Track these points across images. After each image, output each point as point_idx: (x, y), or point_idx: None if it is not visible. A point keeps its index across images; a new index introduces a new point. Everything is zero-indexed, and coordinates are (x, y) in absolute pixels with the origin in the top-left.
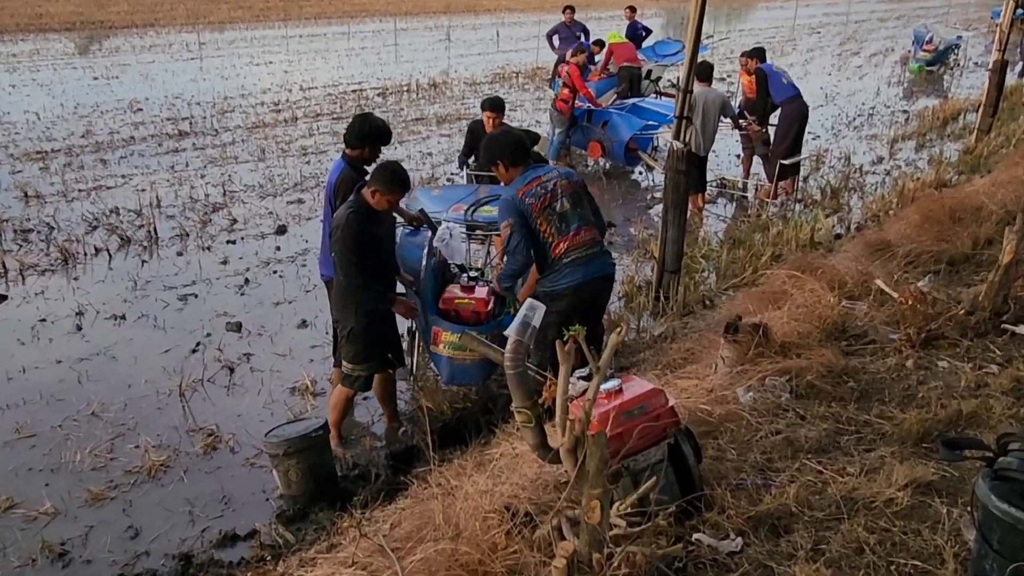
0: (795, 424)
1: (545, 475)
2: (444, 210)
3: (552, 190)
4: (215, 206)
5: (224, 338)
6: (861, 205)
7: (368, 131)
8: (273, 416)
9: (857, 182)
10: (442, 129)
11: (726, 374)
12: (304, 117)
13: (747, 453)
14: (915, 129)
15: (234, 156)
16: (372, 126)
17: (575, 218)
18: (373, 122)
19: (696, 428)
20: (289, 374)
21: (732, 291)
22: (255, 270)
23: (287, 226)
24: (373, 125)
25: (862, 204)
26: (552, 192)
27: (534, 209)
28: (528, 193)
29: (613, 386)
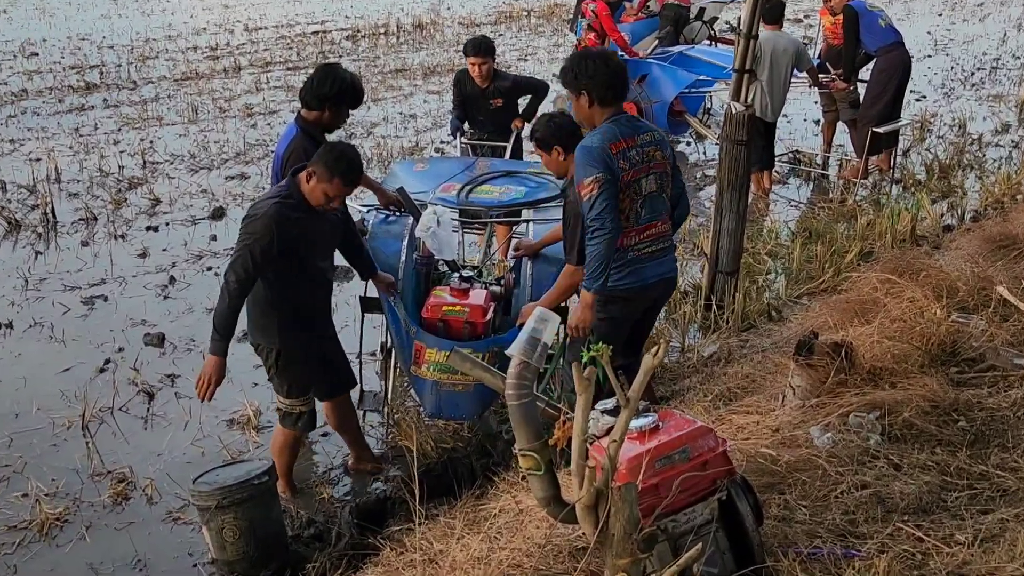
0: (887, 475)
1: (557, 538)
2: (431, 190)
3: (646, 162)
4: (132, 181)
5: (142, 354)
6: (979, 188)
7: (331, 88)
8: (204, 457)
9: (975, 157)
10: (430, 84)
11: (797, 408)
12: (249, 66)
13: (823, 513)
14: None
15: (157, 116)
16: (337, 82)
17: (658, 205)
18: (338, 76)
19: (756, 479)
20: (226, 401)
21: (806, 299)
22: (183, 266)
23: (225, 209)
24: (338, 80)
25: (980, 186)
26: (645, 164)
27: (623, 178)
28: (621, 153)
29: (647, 423)
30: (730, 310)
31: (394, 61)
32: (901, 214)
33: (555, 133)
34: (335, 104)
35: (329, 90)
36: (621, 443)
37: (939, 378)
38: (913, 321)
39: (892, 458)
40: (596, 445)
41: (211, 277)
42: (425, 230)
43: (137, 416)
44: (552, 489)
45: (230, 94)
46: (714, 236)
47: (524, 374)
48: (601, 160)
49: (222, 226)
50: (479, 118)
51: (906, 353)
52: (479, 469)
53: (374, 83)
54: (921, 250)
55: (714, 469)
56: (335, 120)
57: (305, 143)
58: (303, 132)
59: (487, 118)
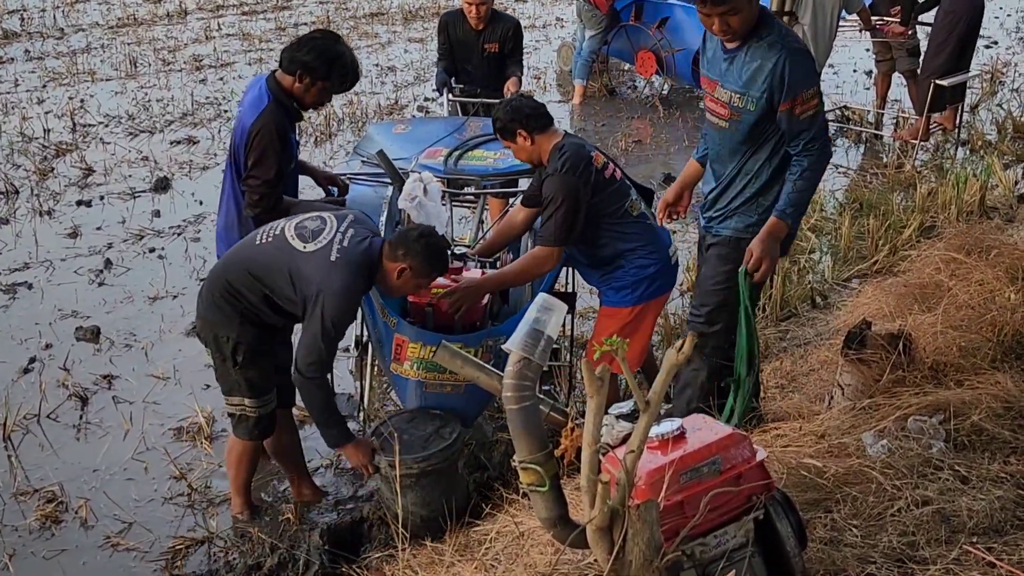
0: (953, 490)
1: (564, 565)
2: (414, 156)
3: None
4: (60, 148)
5: (73, 351)
6: None
7: (308, 54)
8: (148, 472)
9: None
10: (411, 30)
11: (846, 411)
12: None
13: (877, 534)
14: None
15: (89, 70)
16: (317, 50)
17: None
18: (323, 44)
19: (799, 495)
20: (172, 407)
21: (856, 283)
22: (121, 247)
23: (170, 179)
24: (321, 49)
25: None
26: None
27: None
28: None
29: (671, 430)
30: (767, 296)
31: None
32: (968, 181)
33: (514, 116)
34: (311, 75)
35: (307, 55)
36: (640, 454)
37: (1014, 375)
38: (983, 308)
39: (958, 469)
40: (610, 456)
41: (153, 260)
42: (410, 200)
43: (68, 425)
44: (558, 508)
45: (175, 43)
46: None
47: (525, 373)
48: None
49: (167, 199)
50: (468, 67)
51: (975, 345)
52: (472, 485)
53: (345, 30)
54: (992, 224)
55: (749, 484)
56: (310, 96)
57: (278, 119)
58: (276, 103)
59: (479, 67)
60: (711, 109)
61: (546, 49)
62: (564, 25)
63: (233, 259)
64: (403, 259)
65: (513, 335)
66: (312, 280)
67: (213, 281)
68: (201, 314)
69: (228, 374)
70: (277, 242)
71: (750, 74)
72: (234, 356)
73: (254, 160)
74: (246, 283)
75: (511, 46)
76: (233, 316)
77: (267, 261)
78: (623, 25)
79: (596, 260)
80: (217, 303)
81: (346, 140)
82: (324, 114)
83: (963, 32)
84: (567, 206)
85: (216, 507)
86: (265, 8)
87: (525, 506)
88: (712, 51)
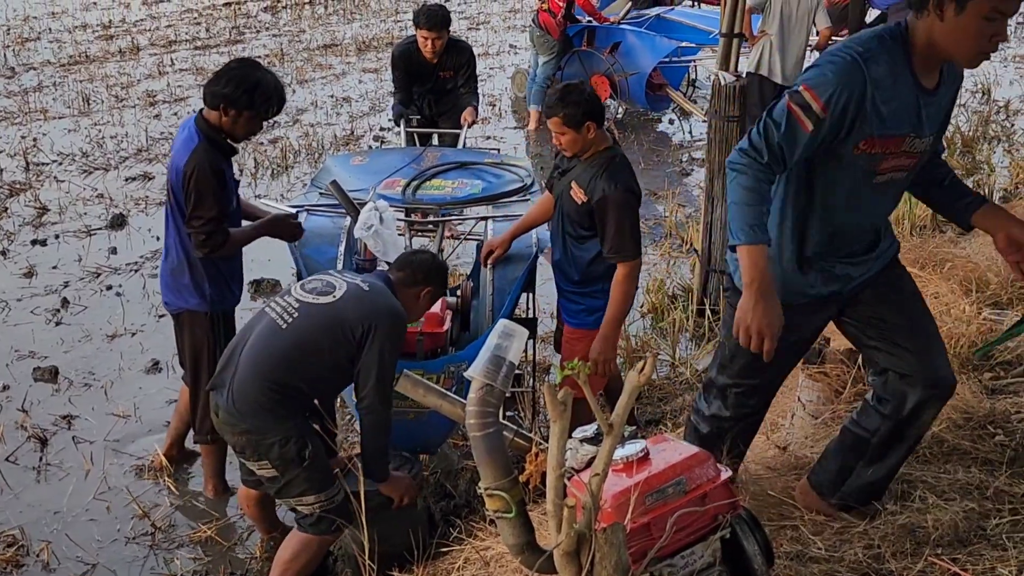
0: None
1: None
2: (371, 187)
3: None
4: (13, 187)
5: (31, 392)
6: (1009, 163)
7: (226, 86)
8: (110, 512)
9: (1002, 128)
10: (365, 60)
11: (808, 426)
12: (151, 46)
13: (843, 548)
14: None
15: (41, 109)
16: (234, 80)
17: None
18: (240, 72)
19: (765, 512)
20: (133, 445)
21: None
22: (77, 285)
23: (126, 216)
24: (253, 82)
25: (1010, 161)
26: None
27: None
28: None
29: (635, 452)
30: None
31: (322, 35)
32: None
33: (592, 108)
34: (234, 107)
35: (225, 87)
36: (605, 476)
37: (971, 385)
38: (939, 321)
39: (923, 480)
40: (575, 480)
41: (111, 298)
42: (366, 229)
43: (27, 467)
44: (525, 534)
45: (128, 80)
46: (705, 229)
47: (488, 399)
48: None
49: (123, 236)
50: (423, 93)
51: None
52: (438, 513)
53: (299, 62)
54: (945, 237)
55: (715, 503)
56: (238, 128)
57: (211, 158)
58: (207, 141)
59: (433, 93)
60: (894, 166)
61: (500, 76)
62: (518, 52)
63: (268, 357)
64: (424, 282)
65: (475, 362)
66: (359, 319)
67: (255, 386)
68: (246, 428)
69: (296, 476)
70: (304, 311)
71: (946, 107)
72: (300, 455)
73: (194, 201)
74: (296, 373)
75: (466, 73)
76: (287, 415)
77: (309, 336)
78: (576, 51)
79: (589, 277)
80: (268, 408)
81: (303, 172)
82: (280, 147)
83: None
84: (634, 217)
85: (180, 547)
86: (218, 42)
87: (492, 533)
88: (895, 103)
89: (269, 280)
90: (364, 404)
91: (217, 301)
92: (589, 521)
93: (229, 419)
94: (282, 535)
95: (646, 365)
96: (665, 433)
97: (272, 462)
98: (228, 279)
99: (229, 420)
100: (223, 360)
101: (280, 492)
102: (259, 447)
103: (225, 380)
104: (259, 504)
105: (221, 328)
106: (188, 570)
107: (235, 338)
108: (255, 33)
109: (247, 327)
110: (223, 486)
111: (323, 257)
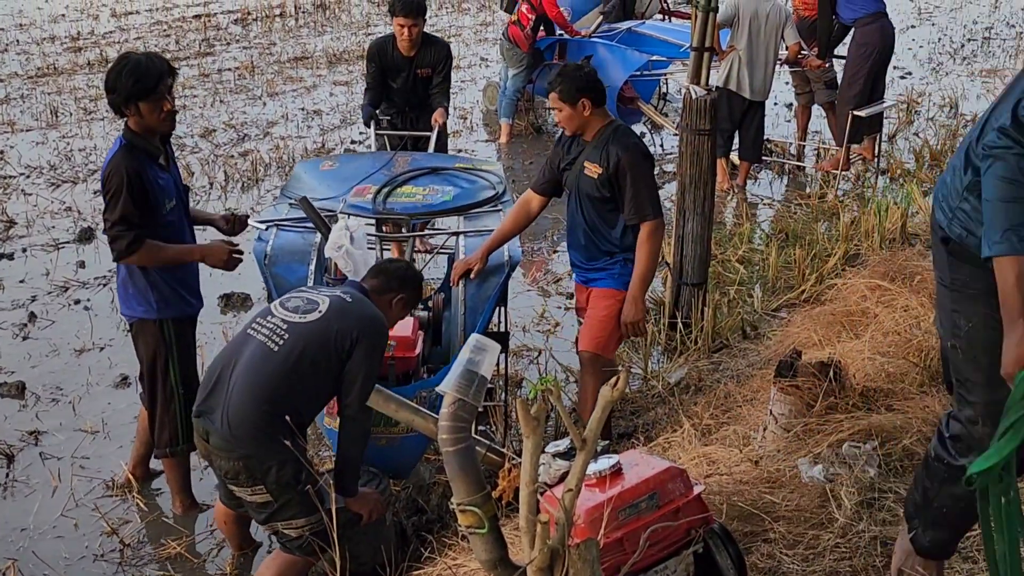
0: (890, 515)
1: None
2: (340, 196)
3: None
4: None
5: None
6: None
7: (117, 84)
8: (78, 529)
9: None
10: (336, 73)
11: (781, 439)
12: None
13: (816, 561)
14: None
15: (8, 121)
16: (117, 71)
17: None
18: (119, 66)
19: (737, 526)
20: (101, 461)
21: (786, 312)
22: (45, 299)
23: (94, 229)
24: (118, 70)
25: None
26: None
27: None
28: None
29: (608, 467)
30: (698, 328)
31: (293, 48)
32: (889, 209)
33: (588, 84)
34: (124, 101)
35: (110, 91)
36: (578, 492)
37: (941, 399)
38: (909, 334)
39: (897, 491)
40: (548, 495)
41: (79, 312)
42: (336, 249)
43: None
44: (498, 550)
45: (96, 92)
46: (676, 242)
47: (460, 414)
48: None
49: (91, 250)
50: (398, 92)
51: (903, 371)
52: (410, 529)
53: (270, 75)
54: (914, 250)
55: (688, 517)
56: (150, 120)
57: (128, 162)
58: (128, 146)
59: (409, 92)
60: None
61: (471, 89)
62: (489, 65)
63: (265, 382)
64: (398, 290)
65: (447, 376)
66: (347, 330)
67: (252, 411)
68: (242, 454)
69: (290, 500)
70: (294, 331)
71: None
72: (296, 478)
73: (106, 204)
74: (294, 395)
75: (442, 71)
76: (285, 438)
77: (302, 356)
78: (547, 64)
79: (620, 245)
80: (267, 432)
81: (273, 185)
82: (251, 160)
83: (876, 63)
84: (650, 176)
85: (149, 564)
86: (188, 55)
87: (465, 548)
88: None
89: (240, 294)
90: (348, 412)
91: (164, 308)
92: (562, 537)
93: (225, 445)
94: (253, 552)
95: (619, 380)
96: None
97: (268, 487)
98: (175, 286)
99: (225, 446)
100: (207, 384)
101: (270, 517)
102: (256, 472)
103: (215, 406)
104: (236, 522)
105: (172, 335)
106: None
107: (217, 362)
108: (225, 45)
109: (231, 351)
110: (190, 501)
111: (293, 276)
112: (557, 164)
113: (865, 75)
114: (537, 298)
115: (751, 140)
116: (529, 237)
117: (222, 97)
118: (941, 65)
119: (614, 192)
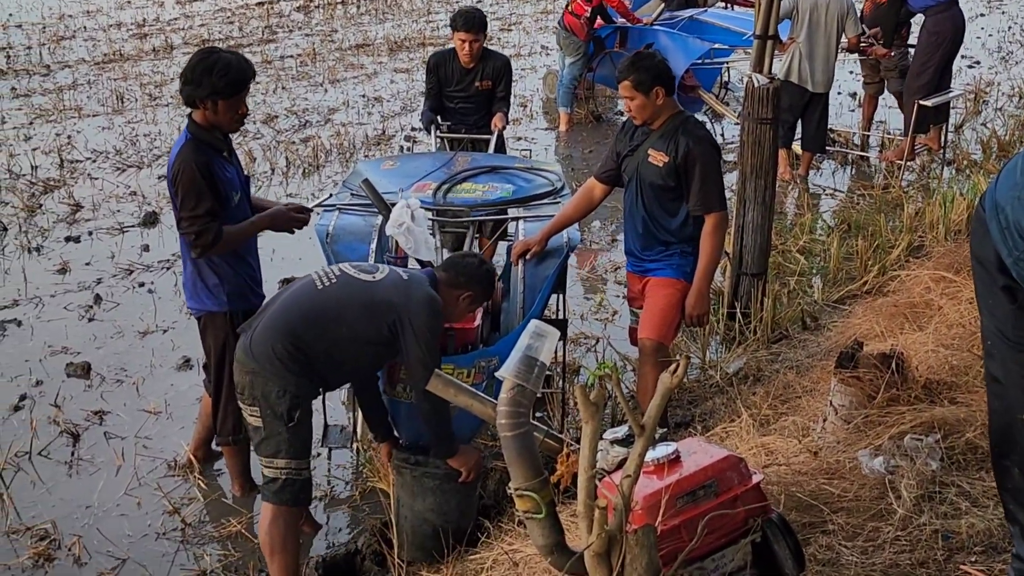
0: (951, 508)
1: None
2: (402, 191)
3: None
4: (47, 184)
5: (64, 388)
6: None
7: (200, 79)
8: (141, 508)
9: None
10: (397, 60)
11: (841, 430)
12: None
13: (876, 553)
14: None
15: (76, 106)
16: (204, 69)
17: None
18: (207, 63)
19: (796, 517)
20: (164, 441)
21: (847, 304)
22: (110, 282)
23: (159, 213)
24: (206, 67)
25: None
26: None
27: None
28: None
29: (666, 454)
30: (757, 318)
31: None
32: (955, 200)
33: (663, 73)
34: (202, 97)
35: (187, 83)
36: (636, 478)
37: None
38: (974, 326)
39: (959, 485)
40: (606, 481)
41: (143, 295)
42: (398, 226)
43: (60, 461)
44: (555, 535)
45: (161, 78)
46: (736, 232)
47: (519, 400)
48: None
49: (155, 234)
50: (457, 104)
51: (967, 364)
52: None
53: (331, 61)
54: None
55: (746, 506)
56: (222, 117)
57: (197, 156)
58: (195, 141)
59: (469, 103)
60: None
61: (532, 77)
62: (549, 53)
63: (297, 309)
64: (467, 286)
65: (506, 362)
66: (392, 305)
67: (275, 332)
68: (252, 368)
69: (278, 434)
70: (343, 280)
71: None
72: (289, 413)
73: (181, 200)
74: (316, 332)
75: (503, 83)
76: (293, 371)
77: (338, 303)
78: (608, 52)
79: (678, 236)
80: (279, 356)
81: (334, 171)
82: (312, 146)
83: (946, 53)
84: (718, 169)
85: (209, 543)
86: (251, 42)
87: (521, 534)
88: None
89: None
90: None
91: (235, 301)
92: (620, 523)
93: (243, 358)
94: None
95: (678, 368)
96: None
97: (262, 409)
98: (247, 279)
99: (242, 359)
100: (259, 310)
101: (258, 446)
102: (256, 389)
103: (252, 324)
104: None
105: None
106: (217, 565)
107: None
108: (287, 32)
109: (289, 285)
110: (250, 484)
111: (355, 254)
112: (618, 151)
113: (935, 65)
114: (595, 286)
115: (814, 130)
116: (587, 226)
117: (284, 84)
118: (1011, 54)
119: (679, 182)
